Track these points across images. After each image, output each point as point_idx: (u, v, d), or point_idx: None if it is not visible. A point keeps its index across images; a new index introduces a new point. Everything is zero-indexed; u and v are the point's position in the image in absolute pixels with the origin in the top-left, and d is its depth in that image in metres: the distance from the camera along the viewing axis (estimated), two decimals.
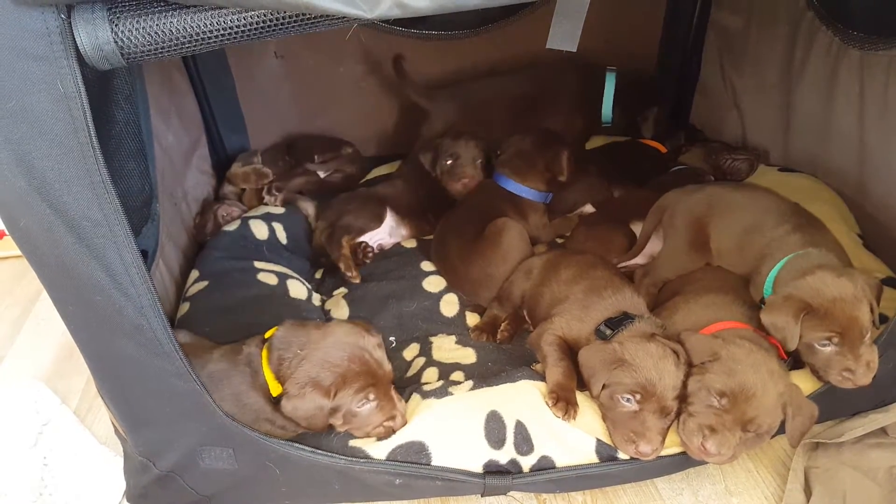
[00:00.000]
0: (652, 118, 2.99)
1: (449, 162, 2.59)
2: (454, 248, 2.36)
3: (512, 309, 2.20)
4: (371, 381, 1.57)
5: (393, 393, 1.65)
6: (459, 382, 1.85)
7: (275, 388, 1.59)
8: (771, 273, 1.87)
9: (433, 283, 2.41)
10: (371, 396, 1.59)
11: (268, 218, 2.59)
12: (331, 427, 1.62)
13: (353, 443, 1.63)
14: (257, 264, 2.39)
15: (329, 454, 1.61)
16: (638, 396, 1.61)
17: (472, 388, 1.77)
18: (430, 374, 2.02)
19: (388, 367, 1.65)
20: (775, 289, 1.83)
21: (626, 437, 1.61)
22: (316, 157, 2.91)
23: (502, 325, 2.16)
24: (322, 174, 2.87)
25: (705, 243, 2.14)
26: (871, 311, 1.69)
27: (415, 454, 1.62)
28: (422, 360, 2.07)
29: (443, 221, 2.54)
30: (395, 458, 1.62)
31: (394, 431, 1.64)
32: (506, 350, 2.09)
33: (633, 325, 1.78)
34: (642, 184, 2.71)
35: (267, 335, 1.67)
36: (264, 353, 1.63)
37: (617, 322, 1.80)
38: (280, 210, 2.65)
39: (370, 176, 3.02)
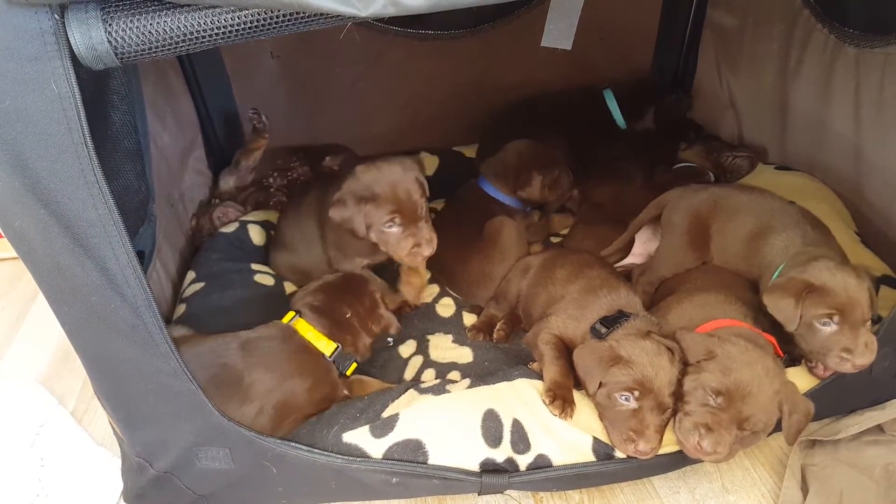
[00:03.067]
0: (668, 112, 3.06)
1: (393, 228, 1.97)
2: (449, 249, 2.36)
3: (508, 308, 2.21)
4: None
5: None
6: (456, 381, 1.86)
7: (328, 347, 1.83)
8: (775, 274, 1.88)
9: (430, 286, 2.41)
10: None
11: (266, 225, 2.59)
12: None
13: (347, 440, 1.63)
14: (254, 266, 2.40)
15: (325, 453, 1.61)
16: (636, 393, 1.61)
17: (469, 387, 1.78)
18: (428, 375, 2.02)
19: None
20: None
21: (625, 436, 1.60)
22: (327, 158, 2.92)
23: (498, 324, 2.16)
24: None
25: (705, 243, 2.15)
26: (872, 302, 1.71)
27: (411, 452, 1.62)
28: (419, 360, 2.08)
29: (434, 223, 2.53)
30: (391, 456, 1.62)
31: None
32: (502, 349, 2.09)
33: (628, 323, 1.78)
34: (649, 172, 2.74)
35: (285, 320, 1.86)
36: (303, 324, 1.84)
37: (612, 320, 1.80)
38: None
39: None
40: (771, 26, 2.56)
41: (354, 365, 1.89)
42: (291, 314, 1.88)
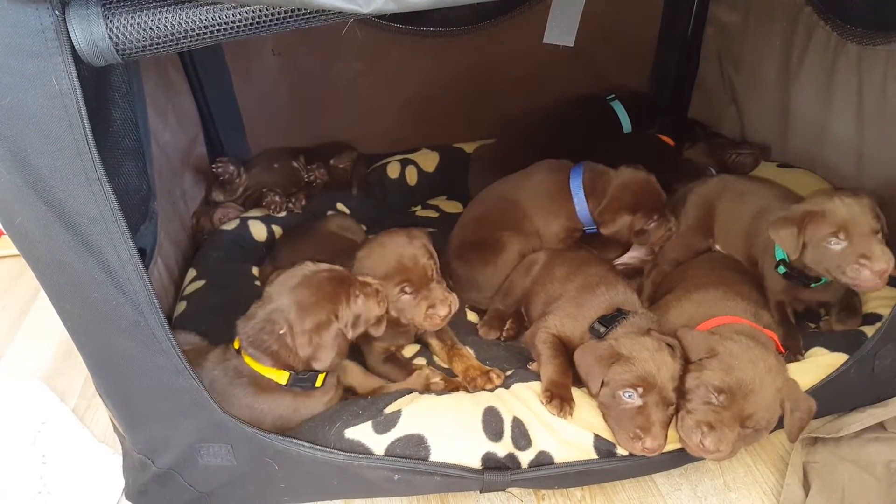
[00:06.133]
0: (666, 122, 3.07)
1: (405, 296, 1.88)
2: (458, 237, 2.35)
3: (514, 304, 2.19)
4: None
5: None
6: None
7: (281, 377, 1.64)
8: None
9: None
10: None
11: (267, 220, 2.60)
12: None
13: (350, 436, 1.63)
14: (255, 270, 2.42)
15: (327, 449, 1.61)
16: (640, 390, 1.61)
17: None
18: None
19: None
20: None
21: (632, 434, 1.60)
22: (332, 161, 2.92)
23: (508, 322, 2.15)
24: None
25: (710, 226, 2.25)
26: (876, 214, 1.77)
27: (413, 447, 1.62)
28: (422, 362, 2.06)
29: (472, 204, 2.48)
30: (393, 452, 1.62)
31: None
32: (504, 346, 2.09)
33: (627, 321, 1.78)
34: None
35: (236, 346, 1.68)
36: (248, 358, 1.64)
37: (611, 319, 1.80)
38: (281, 213, 2.65)
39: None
40: (773, 23, 2.55)
41: (323, 375, 1.69)
42: (237, 342, 1.67)
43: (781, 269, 1.95)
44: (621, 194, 2.22)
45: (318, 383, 1.70)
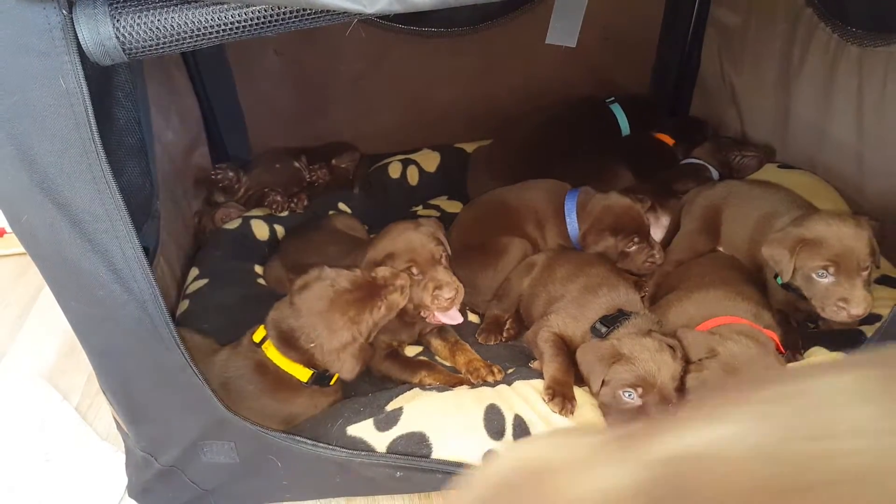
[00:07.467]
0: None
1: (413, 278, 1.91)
2: (456, 240, 2.34)
3: (512, 307, 2.20)
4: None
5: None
6: None
7: (304, 374, 1.70)
8: None
9: None
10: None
11: (270, 219, 2.61)
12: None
13: (352, 433, 1.64)
14: (257, 268, 2.43)
15: (330, 447, 1.62)
16: (639, 390, 1.61)
17: (471, 388, 1.80)
18: None
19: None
20: None
21: None
22: (333, 161, 2.92)
23: (507, 323, 2.16)
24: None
25: (716, 229, 2.26)
26: (872, 250, 1.76)
27: (415, 445, 1.63)
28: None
29: (470, 206, 2.50)
30: (395, 449, 1.63)
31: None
32: (505, 346, 2.09)
33: (628, 322, 1.79)
34: (651, 172, 2.74)
35: (256, 339, 1.72)
36: (273, 351, 1.68)
37: (612, 319, 1.81)
38: (283, 213, 2.66)
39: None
40: (774, 25, 2.56)
41: (336, 375, 1.75)
42: (263, 331, 1.73)
43: (779, 280, 1.95)
44: (603, 217, 2.24)
45: (331, 382, 1.76)
